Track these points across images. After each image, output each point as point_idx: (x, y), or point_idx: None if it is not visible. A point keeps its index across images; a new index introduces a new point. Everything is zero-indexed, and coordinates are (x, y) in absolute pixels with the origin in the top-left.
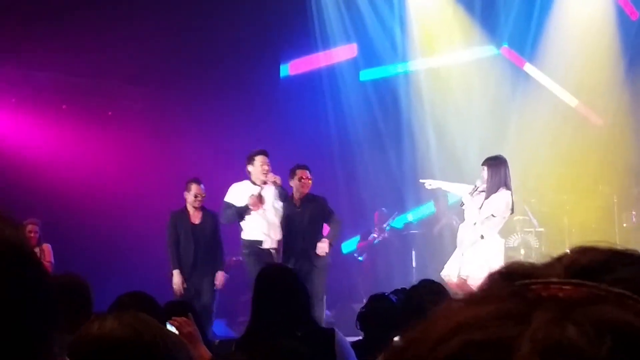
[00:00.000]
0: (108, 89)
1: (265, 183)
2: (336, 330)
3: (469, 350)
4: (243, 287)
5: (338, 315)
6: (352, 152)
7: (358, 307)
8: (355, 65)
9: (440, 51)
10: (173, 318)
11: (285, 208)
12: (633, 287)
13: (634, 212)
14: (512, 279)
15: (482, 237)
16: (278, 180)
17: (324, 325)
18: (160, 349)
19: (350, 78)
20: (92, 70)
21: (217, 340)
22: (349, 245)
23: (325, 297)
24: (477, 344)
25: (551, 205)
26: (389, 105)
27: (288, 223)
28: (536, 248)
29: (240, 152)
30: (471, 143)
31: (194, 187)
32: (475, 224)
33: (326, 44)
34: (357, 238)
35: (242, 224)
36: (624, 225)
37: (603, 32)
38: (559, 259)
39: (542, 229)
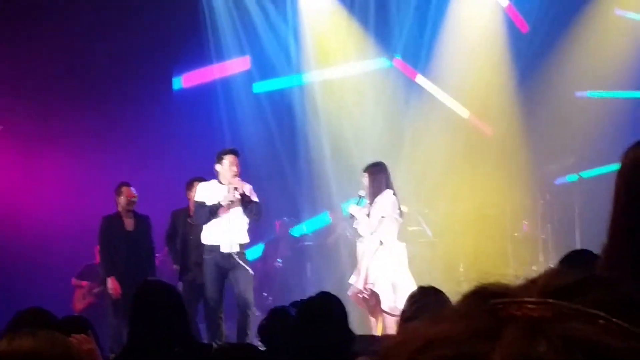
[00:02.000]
0: None
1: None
2: (214, 345)
3: None
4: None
5: (234, 327)
6: (247, 164)
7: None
8: (249, 77)
9: (334, 63)
10: (72, 335)
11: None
12: (605, 309)
13: (525, 222)
14: (485, 298)
15: (381, 242)
16: (243, 188)
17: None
18: None
19: (245, 91)
20: None
21: (112, 356)
22: (253, 252)
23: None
24: (450, 359)
25: (444, 216)
26: (284, 117)
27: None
28: (431, 259)
29: (134, 166)
30: (366, 154)
31: (125, 190)
32: (372, 233)
33: (220, 56)
34: (261, 245)
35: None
36: (515, 234)
37: (494, 45)
38: (534, 281)
39: (436, 240)
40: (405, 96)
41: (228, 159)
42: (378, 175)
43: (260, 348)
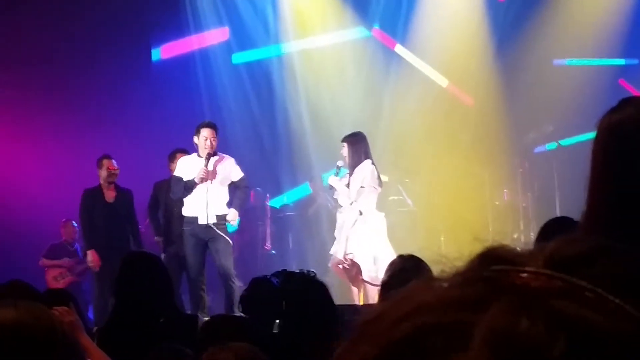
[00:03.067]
0: None
1: (209, 156)
2: (199, 316)
3: (422, 333)
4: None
5: (218, 299)
6: (225, 135)
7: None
8: (228, 48)
9: (312, 33)
10: (54, 308)
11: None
12: (607, 285)
13: (505, 190)
14: (488, 264)
15: (360, 213)
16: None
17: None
18: (57, 332)
19: (223, 61)
20: None
21: (95, 328)
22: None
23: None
24: (431, 327)
25: (425, 185)
26: (262, 88)
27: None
28: (411, 228)
29: (114, 138)
30: (346, 124)
31: (105, 162)
32: (351, 204)
33: (198, 27)
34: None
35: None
36: (496, 203)
37: (472, 13)
38: (542, 248)
39: (416, 209)
40: (384, 66)
41: (204, 132)
42: (357, 145)
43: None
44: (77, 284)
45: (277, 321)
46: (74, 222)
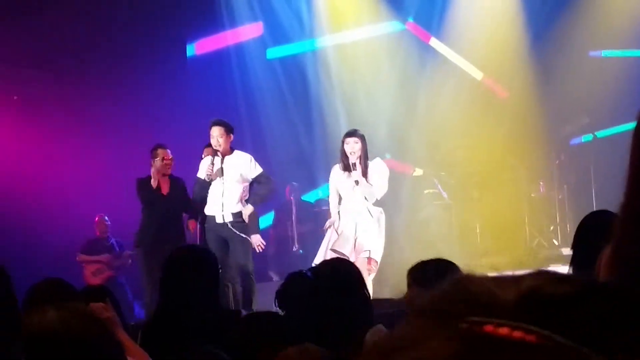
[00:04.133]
0: (12, 73)
1: (224, 154)
2: (242, 310)
3: None
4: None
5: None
6: (261, 130)
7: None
8: (262, 43)
9: (347, 27)
10: (91, 304)
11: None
12: (594, 333)
13: (541, 183)
14: (464, 308)
15: (369, 211)
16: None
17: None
18: (101, 331)
19: (258, 57)
20: None
21: (132, 323)
22: (265, 220)
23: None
24: None
25: (460, 178)
26: (297, 83)
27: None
28: (447, 221)
29: (150, 133)
30: (381, 118)
31: (160, 152)
32: (366, 199)
33: (232, 22)
34: (271, 213)
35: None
36: (532, 195)
37: (507, 6)
38: (517, 281)
39: (451, 202)
40: (418, 59)
41: (211, 131)
42: (365, 142)
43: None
44: (113, 278)
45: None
46: (106, 217)
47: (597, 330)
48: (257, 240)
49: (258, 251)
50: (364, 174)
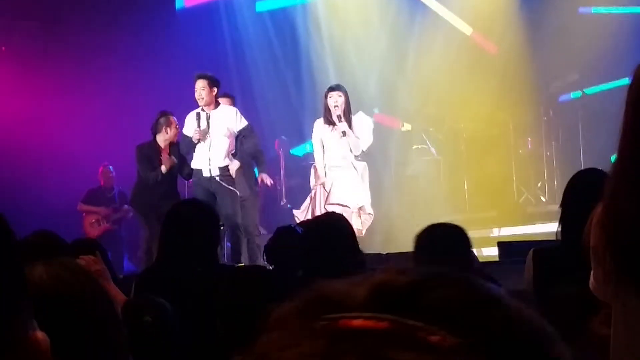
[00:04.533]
0: (2, 24)
1: (210, 107)
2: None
3: None
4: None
5: None
6: (250, 83)
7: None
8: None
9: None
10: (80, 257)
11: None
12: (440, 315)
13: (529, 139)
14: (320, 309)
15: (353, 166)
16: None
17: None
18: (88, 300)
19: (247, 9)
20: None
21: (121, 276)
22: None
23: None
24: None
25: (448, 134)
26: (286, 36)
27: None
28: (435, 177)
29: (138, 86)
30: (370, 73)
31: (173, 120)
32: (350, 150)
33: None
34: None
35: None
36: (520, 151)
37: None
38: (367, 278)
39: (440, 157)
40: (408, 14)
41: (196, 84)
42: (348, 96)
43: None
44: (114, 231)
45: (300, 270)
46: (110, 167)
47: (442, 312)
48: (265, 177)
49: (269, 184)
50: (349, 127)
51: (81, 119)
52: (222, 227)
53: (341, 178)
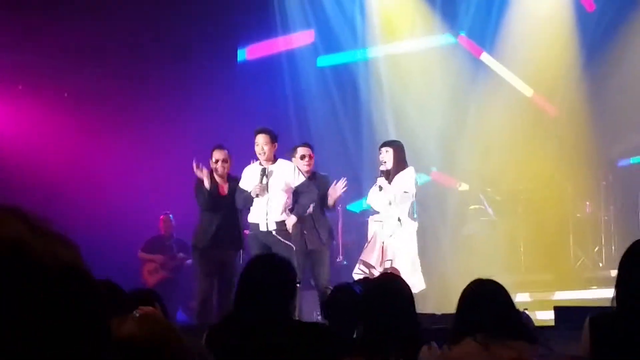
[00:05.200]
0: (64, 70)
1: (264, 171)
2: (319, 324)
3: None
4: (196, 270)
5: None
6: (310, 137)
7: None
8: (314, 50)
9: (399, 38)
10: (140, 307)
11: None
12: None
13: (587, 203)
14: None
15: (399, 220)
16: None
17: None
18: (176, 353)
19: (309, 64)
20: (46, 51)
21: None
22: None
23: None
24: None
25: (507, 195)
26: (347, 92)
27: None
28: (491, 238)
29: (200, 136)
30: (429, 131)
31: (214, 153)
32: (390, 203)
33: (285, 28)
34: None
35: None
36: (578, 215)
37: (561, 23)
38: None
39: (497, 219)
40: (469, 73)
41: (257, 139)
42: (402, 152)
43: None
44: (173, 280)
45: (358, 327)
46: (171, 216)
47: None
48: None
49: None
50: (390, 180)
51: (144, 167)
52: (299, 284)
53: (379, 234)
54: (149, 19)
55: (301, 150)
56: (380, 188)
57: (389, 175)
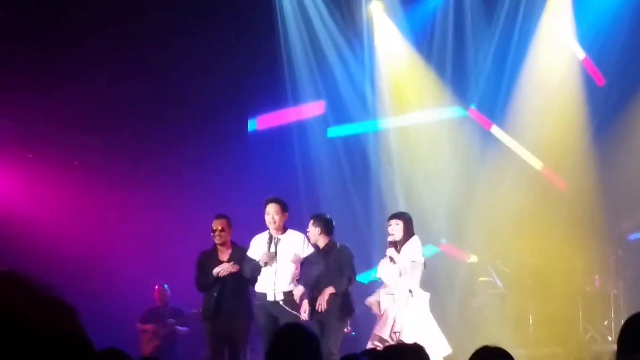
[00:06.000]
0: (74, 139)
1: (280, 231)
2: None
3: None
4: (204, 341)
5: None
6: (319, 208)
7: None
8: (324, 121)
9: (409, 110)
10: None
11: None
12: None
13: (596, 277)
14: None
15: (410, 291)
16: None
17: None
18: None
19: (319, 134)
20: (57, 119)
21: None
22: None
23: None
24: None
25: (516, 268)
26: (357, 163)
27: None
28: (500, 310)
29: (208, 206)
30: (439, 203)
31: (213, 223)
32: (400, 274)
33: (296, 99)
34: None
35: None
36: (587, 289)
37: (570, 97)
38: None
39: (506, 291)
40: (479, 146)
41: (267, 208)
42: (410, 224)
43: None
44: (171, 348)
45: None
46: (165, 286)
47: None
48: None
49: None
50: (399, 251)
51: (142, 238)
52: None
53: (390, 308)
54: (161, 87)
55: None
56: (391, 259)
57: (397, 247)
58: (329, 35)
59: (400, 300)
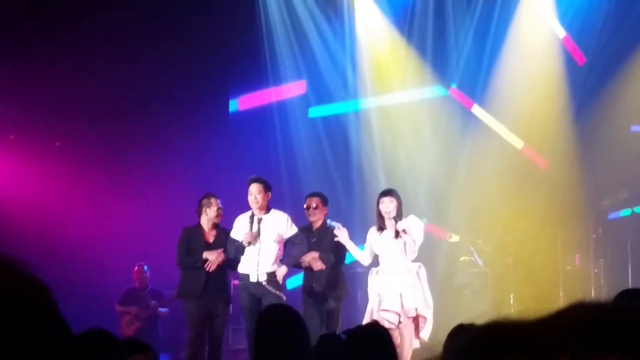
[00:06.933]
0: (55, 120)
1: (252, 218)
2: None
3: None
4: (185, 322)
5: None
6: (300, 187)
7: None
8: (305, 101)
9: (390, 90)
10: (134, 356)
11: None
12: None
13: (577, 255)
14: (502, 349)
15: (419, 266)
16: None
17: None
18: None
19: (300, 115)
20: (39, 102)
21: None
22: (296, 281)
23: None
24: None
25: (497, 246)
26: (338, 143)
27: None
28: (481, 289)
29: (188, 186)
30: (420, 183)
31: (214, 202)
32: (405, 252)
33: (277, 80)
34: (301, 274)
35: None
36: (568, 268)
37: (551, 77)
38: (558, 317)
39: (487, 270)
40: (460, 125)
41: (250, 188)
42: (401, 200)
43: None
44: (152, 329)
45: None
46: (145, 267)
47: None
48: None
49: (315, 269)
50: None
51: (131, 216)
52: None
53: (394, 284)
54: (141, 69)
55: (307, 201)
56: (398, 234)
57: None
58: (310, 14)
59: (412, 274)
